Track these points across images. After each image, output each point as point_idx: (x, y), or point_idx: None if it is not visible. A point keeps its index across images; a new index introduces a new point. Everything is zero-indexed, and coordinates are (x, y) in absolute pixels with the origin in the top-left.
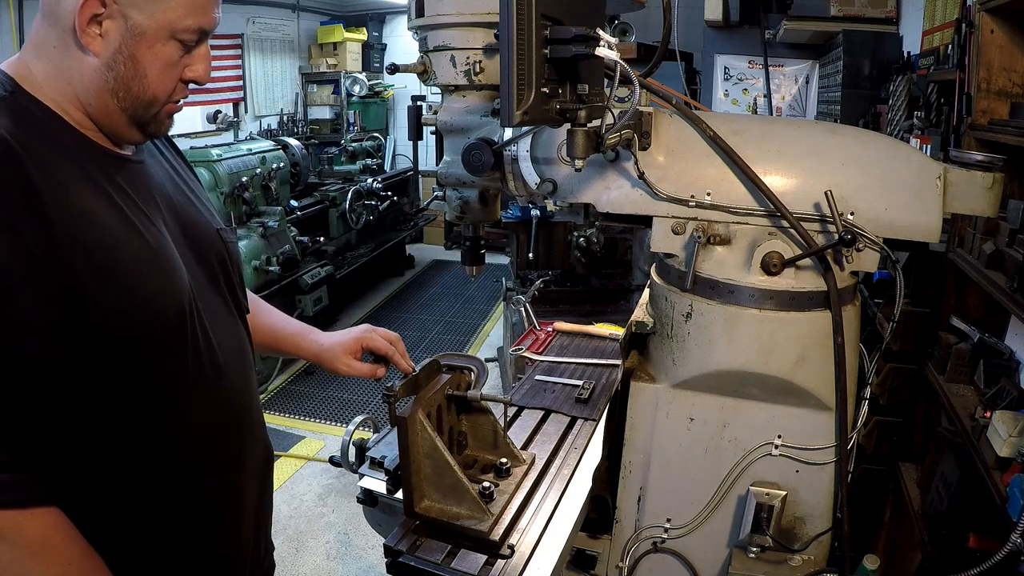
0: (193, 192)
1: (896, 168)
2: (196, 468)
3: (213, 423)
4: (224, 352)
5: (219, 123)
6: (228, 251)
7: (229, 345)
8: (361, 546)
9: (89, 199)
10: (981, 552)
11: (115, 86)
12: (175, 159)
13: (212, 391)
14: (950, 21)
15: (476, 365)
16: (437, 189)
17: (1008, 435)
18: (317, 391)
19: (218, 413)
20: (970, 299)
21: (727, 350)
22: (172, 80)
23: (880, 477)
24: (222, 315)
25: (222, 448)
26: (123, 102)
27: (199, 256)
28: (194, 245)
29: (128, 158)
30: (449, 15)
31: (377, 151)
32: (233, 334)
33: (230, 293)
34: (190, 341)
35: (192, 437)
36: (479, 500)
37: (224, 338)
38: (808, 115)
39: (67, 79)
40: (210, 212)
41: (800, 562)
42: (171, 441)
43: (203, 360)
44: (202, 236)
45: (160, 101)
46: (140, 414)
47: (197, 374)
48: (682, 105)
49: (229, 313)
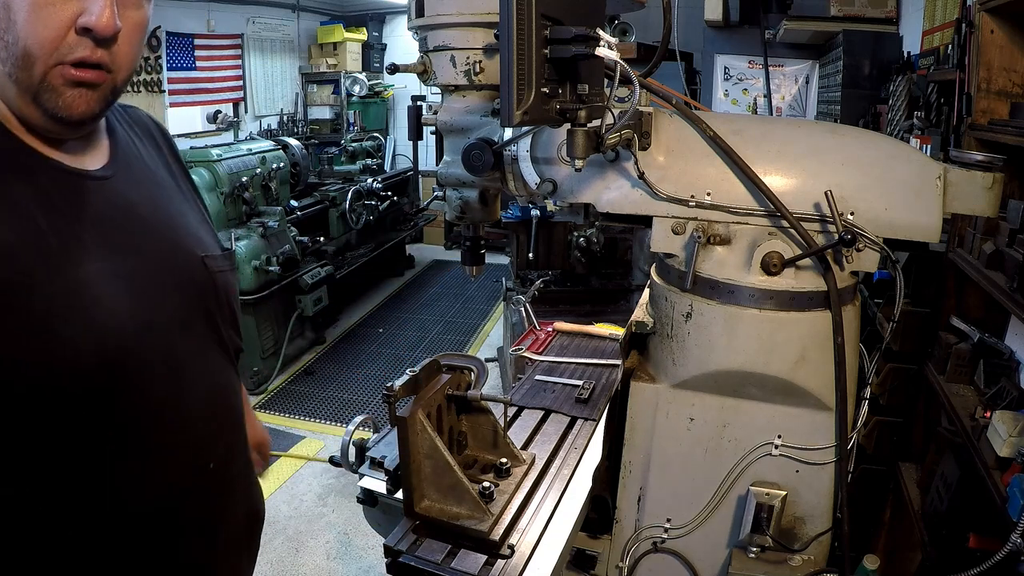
0: (179, 212)
1: (896, 168)
2: (148, 536)
3: (169, 485)
4: (192, 400)
5: (219, 123)
6: (214, 282)
7: (199, 392)
8: (361, 546)
9: (3, 229)
10: (981, 552)
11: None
12: (163, 166)
13: (169, 446)
14: (950, 21)
15: (476, 365)
16: (437, 189)
17: (1008, 435)
18: (317, 391)
19: (177, 473)
20: (970, 299)
21: (727, 350)
22: (55, 26)
23: (880, 477)
24: (197, 357)
25: (187, 512)
26: (6, 63)
27: (173, 286)
28: (166, 273)
29: (83, 174)
30: (449, 15)
31: (377, 151)
32: (210, 379)
33: (212, 331)
34: (128, 392)
35: (141, 502)
36: (479, 500)
37: (196, 384)
38: (808, 115)
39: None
40: (198, 237)
41: (800, 562)
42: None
43: (152, 416)
44: (180, 264)
45: (37, 56)
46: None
47: (143, 428)
48: (682, 105)
49: (208, 354)
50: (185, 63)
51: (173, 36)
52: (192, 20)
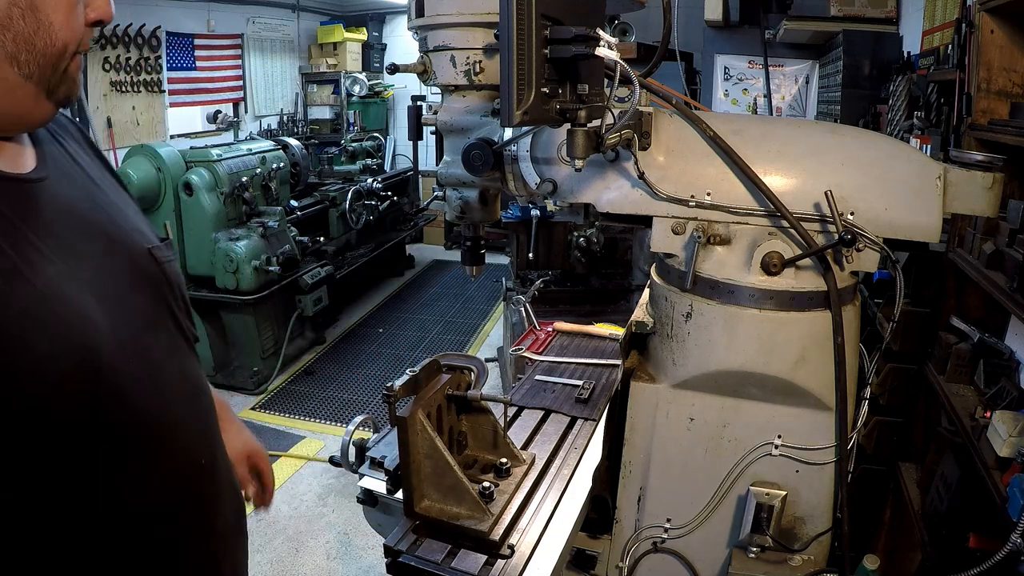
0: (116, 206)
1: (896, 168)
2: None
3: (168, 488)
4: (174, 398)
5: (219, 123)
6: (165, 273)
7: (179, 388)
8: (361, 546)
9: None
10: (981, 552)
11: (15, 49)
12: (89, 160)
13: (162, 449)
14: (950, 21)
15: (476, 365)
16: (437, 189)
17: (1008, 435)
18: (317, 391)
19: (174, 475)
20: (970, 299)
21: (727, 350)
22: (80, 23)
23: (880, 477)
24: (169, 353)
25: (186, 511)
26: (26, 67)
27: (133, 285)
28: (123, 273)
29: (21, 179)
30: (449, 15)
31: (377, 151)
32: (183, 375)
33: (174, 324)
34: (111, 400)
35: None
36: (479, 500)
37: (172, 380)
38: (808, 115)
39: None
40: (140, 230)
41: (800, 562)
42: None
43: (140, 416)
44: (133, 260)
45: (69, 53)
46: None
47: (133, 435)
48: (682, 105)
49: (175, 349)
50: (185, 63)
51: (173, 36)
52: (192, 20)
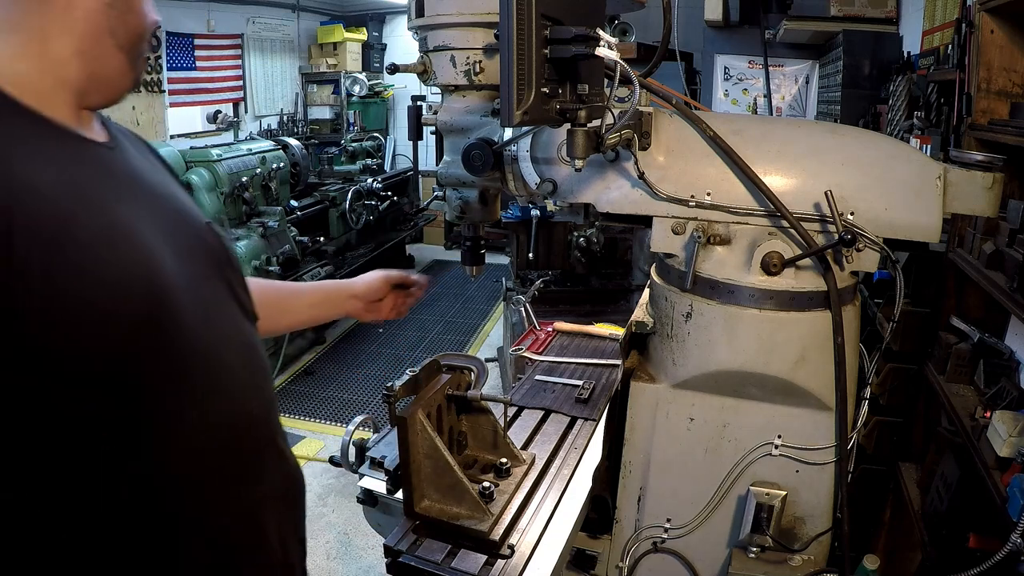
0: (173, 185)
1: (896, 168)
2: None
3: (217, 423)
4: (229, 353)
5: (219, 123)
6: (224, 246)
7: (232, 341)
8: (361, 546)
9: (44, 173)
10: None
11: (114, 24)
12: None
13: (212, 397)
14: (950, 21)
15: (476, 365)
16: (437, 189)
17: (1008, 435)
18: (317, 391)
19: (227, 410)
20: (970, 299)
21: (727, 350)
22: (151, 15)
23: (880, 477)
24: (223, 310)
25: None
26: (120, 39)
27: (189, 247)
28: (181, 235)
29: (97, 143)
30: (449, 15)
31: (377, 151)
32: (238, 332)
33: (230, 291)
34: (172, 330)
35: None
36: (479, 500)
37: (227, 333)
38: (808, 115)
39: (41, 40)
40: (197, 208)
41: (800, 562)
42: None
43: (196, 357)
44: (191, 227)
45: (148, 33)
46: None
47: (187, 374)
48: (682, 105)
49: (232, 310)
50: (185, 63)
51: (173, 36)
52: (192, 20)
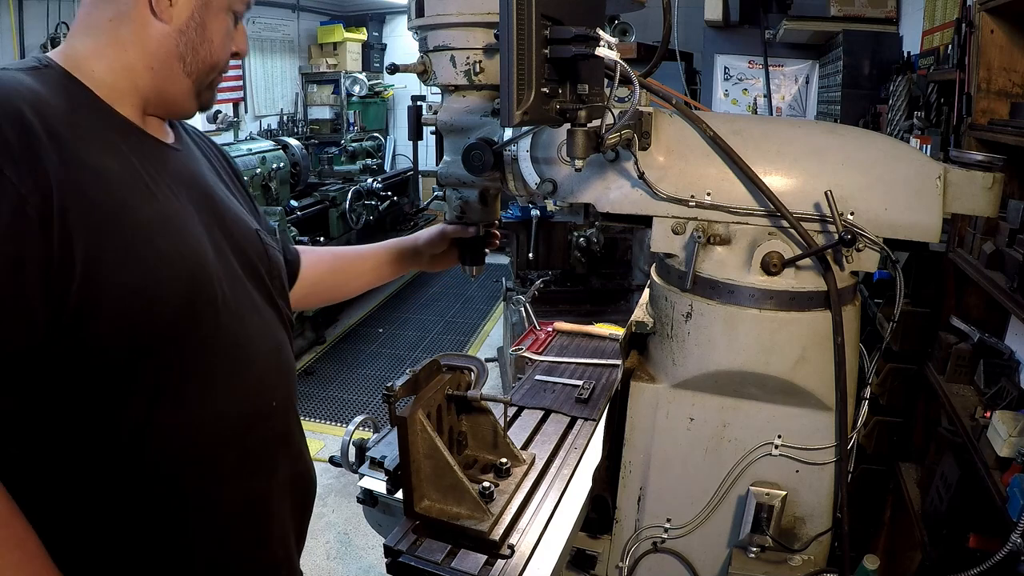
0: (233, 195)
1: (896, 168)
2: (206, 471)
3: (242, 411)
4: (257, 347)
5: (219, 123)
6: (267, 253)
7: (261, 337)
8: (361, 546)
9: (105, 158)
10: (981, 552)
11: (184, 51)
12: (221, 163)
13: (235, 384)
14: (950, 21)
15: (476, 365)
16: (437, 189)
17: (1008, 435)
18: (317, 391)
19: (247, 399)
20: (970, 299)
21: (727, 350)
22: (228, 49)
23: (880, 477)
24: (258, 311)
25: (250, 440)
26: (189, 66)
27: (235, 248)
28: (230, 236)
29: (163, 143)
30: (449, 15)
31: (377, 151)
32: (269, 331)
33: (266, 296)
34: (208, 319)
35: (203, 433)
36: (479, 500)
37: (257, 330)
38: (808, 115)
39: (123, 47)
40: (250, 217)
41: (800, 562)
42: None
43: (225, 346)
44: (240, 231)
45: (219, 68)
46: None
47: (214, 360)
48: (682, 105)
49: (265, 312)
50: None
51: None
52: None
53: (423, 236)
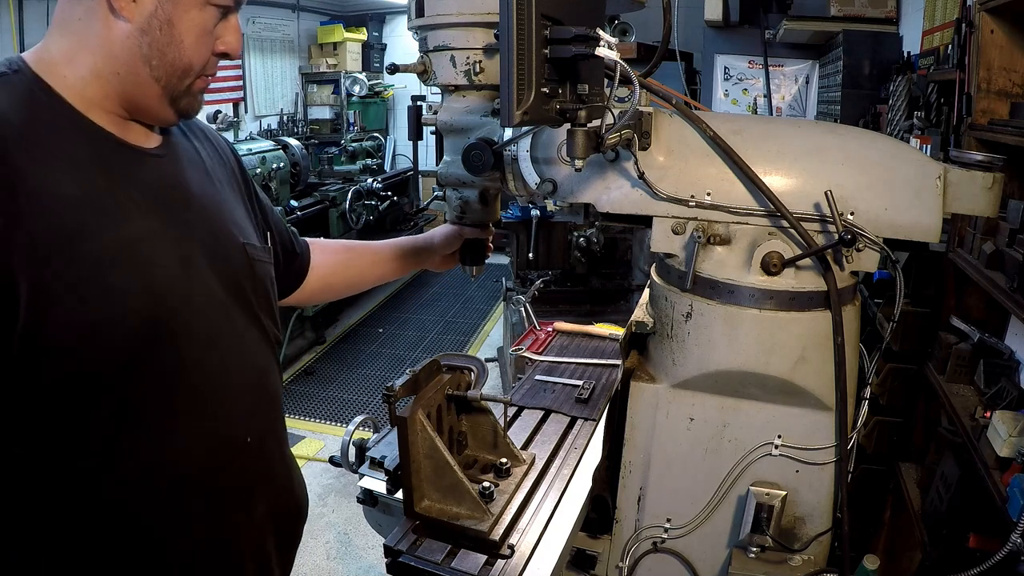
0: (227, 202)
1: (896, 168)
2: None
3: (206, 448)
4: (231, 379)
5: (219, 123)
6: (252, 269)
7: (237, 366)
8: (361, 546)
9: (64, 180)
10: (981, 552)
11: (149, 52)
12: (216, 164)
13: (200, 421)
14: (950, 21)
15: (476, 365)
16: (437, 189)
17: (1008, 435)
18: (317, 391)
19: (212, 438)
20: (970, 299)
21: (727, 350)
22: (207, 49)
23: (880, 477)
24: (235, 334)
25: (220, 479)
26: (156, 70)
27: (216, 263)
28: (210, 251)
29: (142, 150)
30: (449, 15)
31: (377, 151)
32: (249, 358)
33: (249, 315)
34: (167, 356)
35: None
36: (479, 500)
37: (233, 358)
38: (808, 115)
39: (91, 51)
40: (241, 226)
41: (800, 562)
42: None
43: (189, 382)
44: (224, 244)
45: (194, 71)
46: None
47: (175, 397)
48: (682, 105)
49: (245, 335)
50: None
51: None
52: None
53: (439, 234)
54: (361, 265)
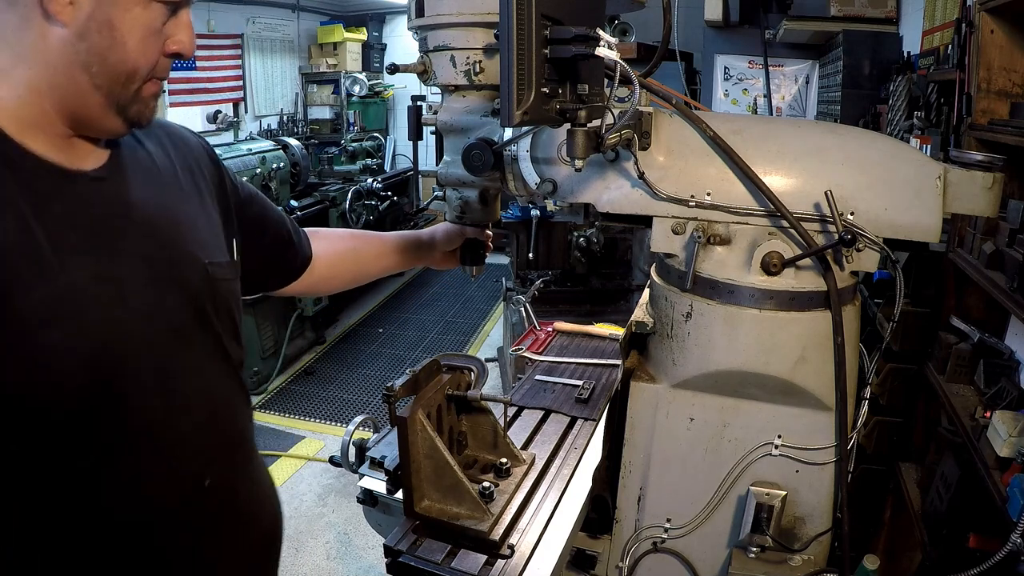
0: (188, 217)
1: (896, 168)
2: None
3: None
4: (185, 413)
5: (219, 123)
6: (214, 289)
7: (195, 405)
8: (361, 546)
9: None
10: (981, 552)
11: (88, 59)
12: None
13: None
14: (950, 21)
15: (476, 365)
16: (437, 189)
17: (1008, 435)
18: (317, 391)
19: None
20: (970, 299)
21: (727, 350)
22: (154, 51)
23: (880, 477)
24: (194, 369)
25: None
26: (97, 77)
27: (174, 293)
28: (163, 278)
29: (76, 174)
30: (449, 15)
31: (377, 151)
32: (207, 393)
33: (211, 340)
34: (114, 410)
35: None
36: (479, 500)
37: (190, 397)
38: (808, 115)
39: (27, 63)
40: (203, 242)
41: (800, 562)
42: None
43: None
44: (181, 268)
45: (140, 75)
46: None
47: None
48: (682, 105)
49: (205, 366)
50: (185, 63)
51: None
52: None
53: (440, 231)
54: (367, 255)
